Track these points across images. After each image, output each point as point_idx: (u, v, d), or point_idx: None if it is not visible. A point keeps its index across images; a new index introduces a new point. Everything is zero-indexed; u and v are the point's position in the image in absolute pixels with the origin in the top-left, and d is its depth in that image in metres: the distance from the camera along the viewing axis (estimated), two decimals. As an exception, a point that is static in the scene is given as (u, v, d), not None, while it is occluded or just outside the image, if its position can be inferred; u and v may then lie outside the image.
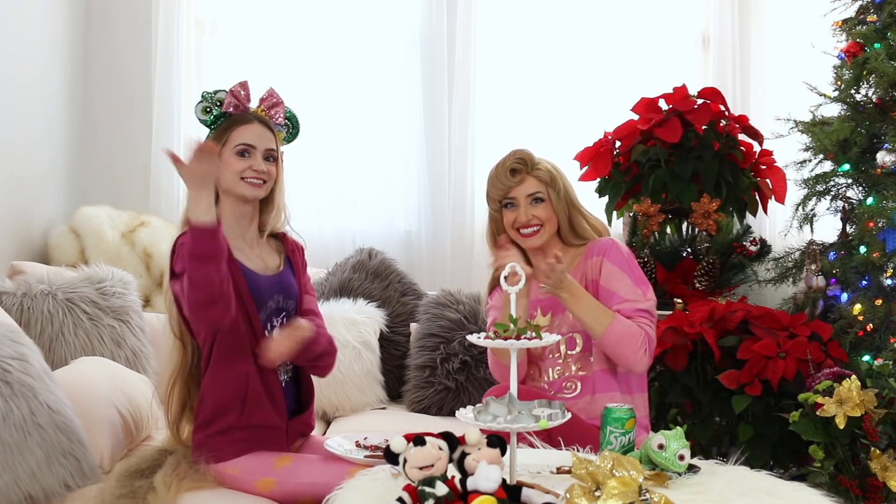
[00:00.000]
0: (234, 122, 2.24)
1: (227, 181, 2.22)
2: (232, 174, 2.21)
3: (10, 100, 3.25)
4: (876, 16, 2.97)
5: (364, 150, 3.91)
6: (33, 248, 3.41)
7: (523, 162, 2.43)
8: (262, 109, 2.29)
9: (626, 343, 2.30)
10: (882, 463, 2.39)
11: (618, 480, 1.42)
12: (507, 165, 2.43)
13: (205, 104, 2.26)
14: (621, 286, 2.36)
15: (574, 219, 2.47)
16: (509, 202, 2.44)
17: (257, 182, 2.22)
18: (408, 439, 1.55)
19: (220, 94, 2.26)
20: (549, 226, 2.44)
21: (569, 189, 2.48)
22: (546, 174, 2.44)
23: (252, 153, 2.22)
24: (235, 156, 2.21)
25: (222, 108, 2.25)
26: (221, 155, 2.20)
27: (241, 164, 2.21)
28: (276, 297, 2.26)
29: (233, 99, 2.24)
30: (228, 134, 2.22)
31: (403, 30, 3.95)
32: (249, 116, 2.25)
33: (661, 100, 3.45)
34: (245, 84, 2.28)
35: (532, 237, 2.43)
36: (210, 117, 2.26)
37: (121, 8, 3.87)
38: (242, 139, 2.22)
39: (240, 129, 2.23)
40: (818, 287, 3.00)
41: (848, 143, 2.98)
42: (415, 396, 3.27)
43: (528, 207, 2.42)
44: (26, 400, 2.14)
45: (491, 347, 2.40)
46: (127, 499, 2.08)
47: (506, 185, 2.42)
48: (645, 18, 4.03)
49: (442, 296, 3.40)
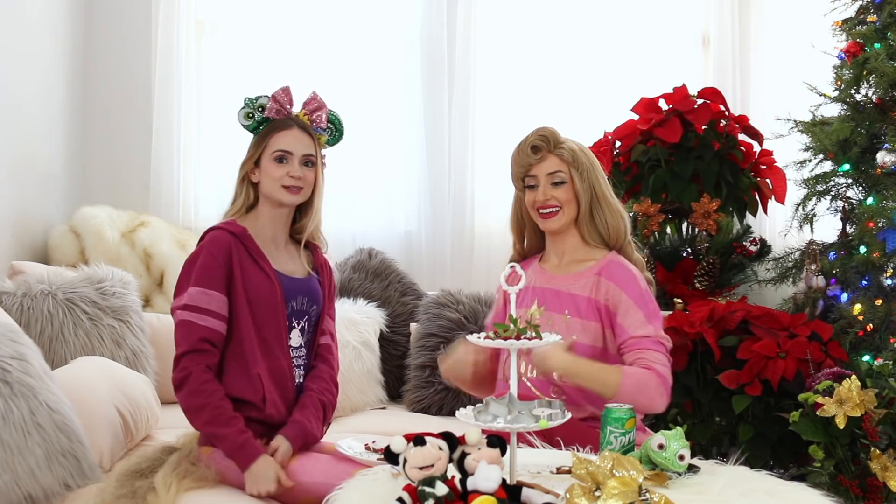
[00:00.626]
0: (273, 128, 2.25)
1: (267, 187, 2.24)
2: (271, 181, 2.23)
3: (11, 100, 3.25)
4: (876, 16, 2.97)
5: (364, 150, 3.90)
6: (33, 248, 3.41)
7: (545, 139, 2.30)
8: (304, 113, 2.29)
9: (644, 393, 2.14)
10: (882, 463, 2.39)
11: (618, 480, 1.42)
12: (528, 142, 2.31)
13: (247, 110, 2.26)
14: (632, 322, 2.23)
15: (595, 211, 2.31)
16: (530, 181, 2.32)
17: (295, 188, 2.23)
18: (408, 439, 1.55)
19: (262, 99, 2.27)
20: (567, 208, 2.29)
21: (596, 175, 2.31)
22: (569, 154, 2.29)
23: (289, 159, 2.23)
24: (274, 162, 2.23)
25: (264, 113, 2.26)
26: (261, 161, 2.24)
27: (280, 171, 2.22)
28: (299, 298, 2.27)
29: (275, 104, 2.25)
30: (267, 140, 2.24)
31: (403, 30, 3.95)
32: (289, 122, 2.26)
33: (661, 100, 3.45)
34: (287, 89, 2.28)
35: (550, 219, 2.30)
36: (252, 123, 2.27)
37: (121, 8, 3.86)
38: (280, 145, 2.23)
39: (278, 135, 2.24)
40: (818, 287, 3.00)
41: (848, 143, 2.98)
42: (415, 396, 3.27)
43: (547, 187, 2.29)
44: (26, 400, 2.14)
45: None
46: (127, 498, 2.08)
47: (527, 161, 2.31)
48: (645, 18, 4.03)
49: (442, 296, 3.40)
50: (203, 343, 2.13)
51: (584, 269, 2.32)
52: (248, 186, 2.27)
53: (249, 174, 2.27)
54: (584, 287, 2.30)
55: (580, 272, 2.32)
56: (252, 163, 2.25)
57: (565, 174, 2.29)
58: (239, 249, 2.20)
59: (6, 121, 3.21)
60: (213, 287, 2.15)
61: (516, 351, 1.68)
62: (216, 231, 2.22)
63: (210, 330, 2.14)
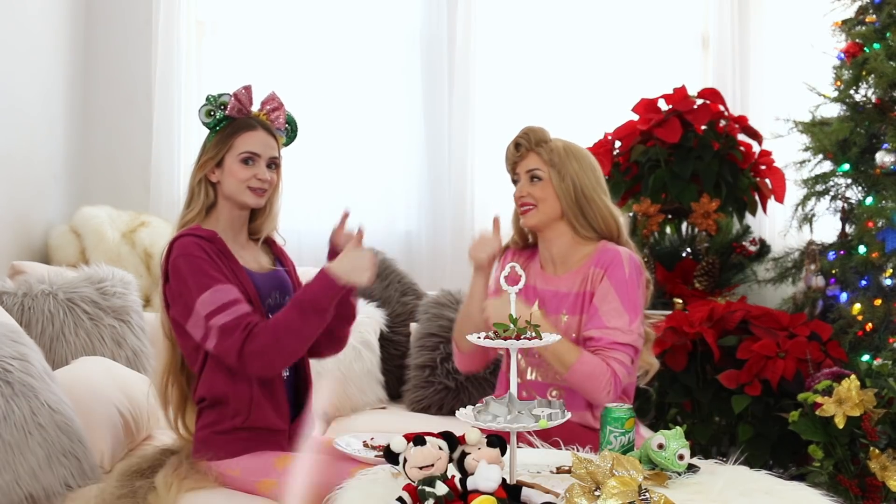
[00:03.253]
0: (238, 129, 2.20)
1: (231, 188, 2.20)
2: (236, 182, 2.19)
3: (11, 100, 3.25)
4: (875, 16, 2.97)
5: (364, 151, 3.91)
6: (34, 248, 3.41)
7: (527, 137, 2.35)
8: (263, 113, 2.26)
9: (591, 384, 2.18)
10: (881, 462, 2.39)
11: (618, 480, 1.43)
12: (514, 139, 2.38)
13: (208, 107, 2.22)
14: (608, 310, 2.24)
15: (585, 208, 2.31)
16: (515, 177, 2.39)
17: (261, 191, 2.21)
18: (408, 439, 1.55)
19: (223, 97, 2.23)
20: (543, 206, 2.31)
21: (582, 173, 2.32)
22: (548, 152, 2.32)
23: (256, 161, 2.20)
24: (240, 163, 2.19)
25: (226, 111, 2.23)
26: (224, 161, 2.20)
27: (246, 173, 2.19)
28: (273, 294, 2.26)
29: (236, 103, 2.21)
30: (233, 140, 2.19)
31: (403, 30, 3.95)
32: (253, 122, 2.22)
33: (661, 100, 3.45)
34: (249, 88, 2.25)
35: (525, 214, 2.34)
36: (213, 120, 2.22)
37: (121, 8, 3.86)
38: (247, 147, 2.19)
39: (244, 136, 2.20)
40: (818, 287, 3.00)
41: (847, 144, 2.98)
42: (415, 396, 3.27)
43: (525, 183, 2.33)
44: (27, 400, 2.14)
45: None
46: (127, 499, 2.08)
47: (512, 159, 2.37)
48: (645, 19, 4.03)
49: (442, 296, 3.40)
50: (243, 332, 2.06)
51: (580, 265, 2.34)
52: (206, 187, 2.21)
53: (208, 174, 2.20)
54: (581, 284, 2.31)
55: (578, 269, 2.34)
56: (214, 163, 2.19)
57: (543, 172, 2.32)
58: (213, 251, 2.13)
59: (6, 121, 3.21)
60: (219, 281, 2.09)
61: (516, 351, 1.69)
62: (185, 238, 2.13)
63: (242, 318, 2.06)
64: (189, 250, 2.11)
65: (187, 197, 2.24)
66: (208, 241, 2.14)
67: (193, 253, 2.10)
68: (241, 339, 2.04)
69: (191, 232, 2.15)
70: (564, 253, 2.36)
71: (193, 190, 2.22)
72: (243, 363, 2.06)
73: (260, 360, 2.06)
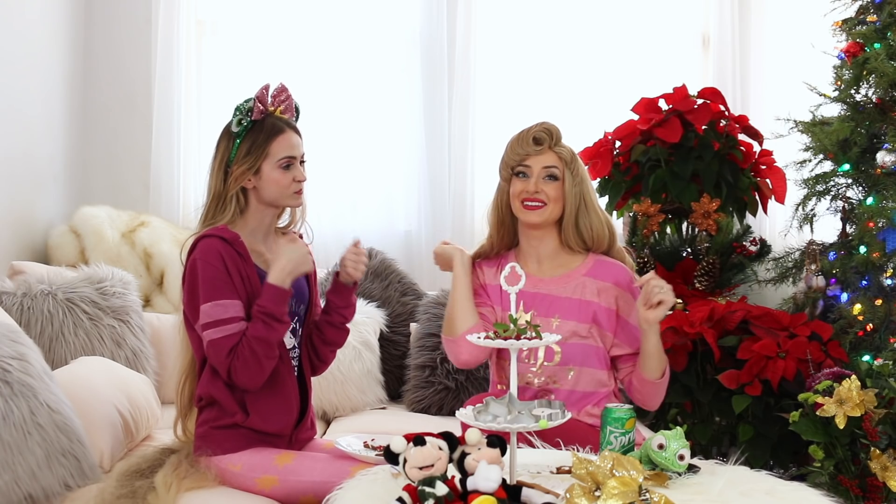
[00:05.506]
0: (270, 135, 2.18)
1: (273, 195, 2.20)
2: (280, 188, 2.19)
3: (11, 99, 3.25)
4: (876, 16, 2.97)
5: (364, 150, 3.91)
6: (33, 248, 3.41)
7: (549, 133, 2.32)
8: (279, 110, 2.24)
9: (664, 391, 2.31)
10: (882, 463, 2.39)
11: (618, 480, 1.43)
12: (531, 132, 2.33)
13: (239, 117, 2.19)
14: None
15: (581, 216, 2.33)
16: (522, 171, 2.33)
17: (301, 191, 2.24)
18: (408, 439, 1.55)
19: (249, 103, 2.21)
20: (553, 206, 2.31)
21: (586, 182, 2.34)
22: (568, 154, 2.32)
23: (293, 164, 2.21)
24: (280, 170, 2.18)
25: (251, 116, 2.19)
26: (262, 169, 2.18)
27: (288, 178, 2.19)
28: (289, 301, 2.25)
29: (259, 104, 2.19)
30: (268, 147, 2.17)
31: (403, 30, 3.95)
32: (280, 125, 2.20)
33: (661, 100, 3.45)
34: (267, 87, 2.23)
35: (533, 211, 2.30)
36: (242, 129, 2.19)
37: (121, 8, 3.86)
38: (284, 152, 2.19)
39: (278, 142, 2.19)
40: (818, 287, 3.00)
41: (848, 143, 2.98)
42: (415, 396, 3.27)
43: (540, 180, 2.30)
44: (26, 400, 2.14)
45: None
46: (127, 498, 2.08)
47: (525, 151, 2.32)
48: (645, 18, 4.03)
49: (442, 296, 3.40)
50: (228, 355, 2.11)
51: (570, 271, 2.35)
52: (239, 194, 2.20)
53: (245, 183, 2.20)
54: (574, 290, 2.33)
55: (567, 274, 2.35)
56: (252, 172, 2.18)
57: (560, 171, 2.31)
58: (232, 256, 2.14)
59: (6, 121, 3.21)
60: (225, 296, 2.11)
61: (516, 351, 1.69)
62: (208, 240, 2.14)
63: (233, 336, 2.11)
64: (208, 257, 2.12)
65: (214, 202, 2.22)
66: (230, 243, 2.15)
67: (211, 261, 2.12)
68: (227, 361, 2.10)
69: (215, 232, 2.15)
70: (552, 255, 2.37)
71: (226, 198, 2.20)
72: (231, 378, 2.12)
73: (245, 374, 2.10)
